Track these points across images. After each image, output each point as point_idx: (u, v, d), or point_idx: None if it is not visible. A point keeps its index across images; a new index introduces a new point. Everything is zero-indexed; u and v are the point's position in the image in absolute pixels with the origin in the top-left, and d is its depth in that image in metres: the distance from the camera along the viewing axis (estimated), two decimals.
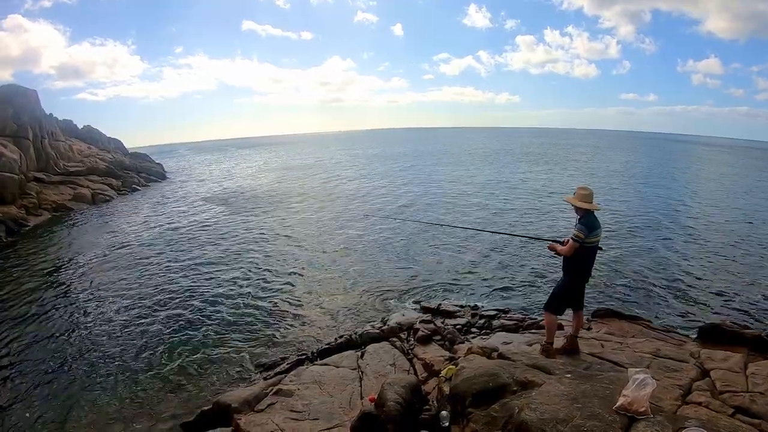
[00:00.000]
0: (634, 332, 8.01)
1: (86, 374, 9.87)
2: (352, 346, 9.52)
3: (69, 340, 11.47)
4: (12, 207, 25.37)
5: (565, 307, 6.50)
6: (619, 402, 4.48)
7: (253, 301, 13.75)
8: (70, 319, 12.74)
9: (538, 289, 14.01)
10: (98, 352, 10.80)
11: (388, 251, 18.80)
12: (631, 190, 35.01)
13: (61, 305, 13.64)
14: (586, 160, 65.51)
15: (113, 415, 8.45)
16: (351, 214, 27.10)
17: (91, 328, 12.16)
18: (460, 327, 10.31)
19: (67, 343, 11.26)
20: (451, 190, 34.30)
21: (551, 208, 27.01)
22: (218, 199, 34.68)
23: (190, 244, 20.69)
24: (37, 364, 10.26)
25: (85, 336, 11.69)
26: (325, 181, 43.55)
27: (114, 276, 16.30)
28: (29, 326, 12.17)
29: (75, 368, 10.13)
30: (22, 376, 9.76)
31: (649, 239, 20.07)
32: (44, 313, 13.01)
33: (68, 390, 9.28)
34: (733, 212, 26.88)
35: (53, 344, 11.22)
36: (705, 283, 14.63)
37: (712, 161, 73.93)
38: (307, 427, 6.45)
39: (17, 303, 13.68)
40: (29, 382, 9.52)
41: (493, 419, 4.87)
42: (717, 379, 5.65)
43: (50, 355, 10.67)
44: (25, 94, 35.05)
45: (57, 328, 12.11)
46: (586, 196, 6.00)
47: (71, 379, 9.66)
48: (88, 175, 35.93)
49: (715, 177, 47.33)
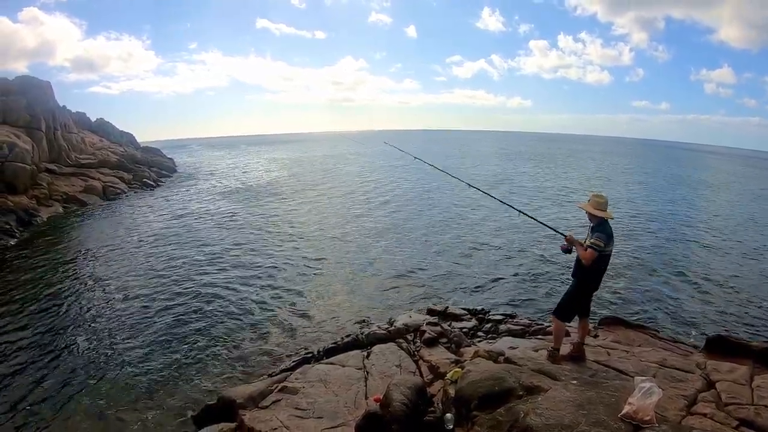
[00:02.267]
0: (640, 341, 8.00)
1: (94, 365, 9.99)
2: (358, 346, 9.50)
3: (78, 331, 11.60)
4: (23, 197, 25.58)
5: (573, 314, 6.48)
6: (624, 410, 4.50)
7: (260, 298, 13.83)
8: (81, 311, 12.89)
9: (545, 295, 13.99)
10: (107, 345, 10.93)
11: (396, 253, 18.83)
12: (639, 199, 34.78)
13: (72, 299, 13.78)
14: (596, 167, 65.21)
15: (117, 406, 8.53)
16: (364, 214, 27.19)
17: (101, 320, 12.31)
18: (466, 330, 10.30)
19: (77, 335, 11.40)
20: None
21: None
22: (228, 194, 34.89)
23: (199, 240, 20.82)
24: (47, 354, 10.39)
25: (94, 328, 11.84)
26: (337, 180, 43.60)
27: (124, 271, 16.44)
28: (42, 318, 12.32)
29: (83, 359, 10.26)
30: (31, 365, 9.90)
31: (657, 247, 19.99)
32: (55, 306, 13.13)
33: (77, 380, 9.41)
34: (743, 223, 26.67)
35: (63, 336, 11.34)
36: (712, 293, 14.56)
37: (723, 171, 73.31)
38: (311, 426, 6.46)
39: (31, 296, 13.84)
40: (38, 372, 9.65)
41: (498, 423, 4.90)
42: (722, 390, 5.64)
43: (60, 346, 10.80)
44: (39, 85, 35.35)
45: (68, 320, 12.27)
46: (601, 204, 5.95)
47: (80, 370, 9.78)
48: (100, 167, 36.13)
49: (727, 186, 47.00)
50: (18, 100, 31.97)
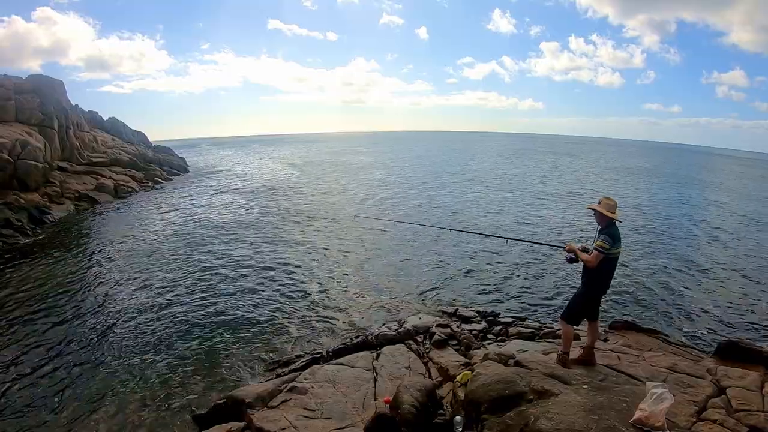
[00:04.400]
0: (651, 345, 7.96)
1: (103, 364, 10.06)
2: (367, 347, 9.53)
3: (87, 330, 11.68)
4: (35, 194, 25.89)
5: (582, 318, 6.48)
6: (636, 415, 4.50)
7: (269, 298, 13.87)
8: (90, 310, 12.97)
9: (555, 298, 13.93)
10: (116, 343, 11.01)
11: (407, 254, 18.83)
12: (651, 200, 34.55)
13: (82, 298, 13.91)
14: (606, 166, 64.86)
15: (124, 404, 8.59)
16: (376, 215, 27.20)
17: (112, 318, 12.40)
18: (476, 332, 10.30)
19: (87, 334, 11.48)
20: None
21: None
22: (239, 193, 35.06)
23: (209, 239, 20.93)
24: (54, 352, 10.50)
25: (105, 326, 11.92)
26: (346, 180, 43.67)
27: (134, 270, 16.56)
28: (51, 315, 12.46)
29: (91, 357, 10.33)
30: (37, 362, 9.99)
31: (669, 251, 19.79)
32: (65, 304, 13.25)
33: (84, 377, 9.49)
34: (757, 227, 26.40)
35: (71, 334, 11.43)
36: (724, 298, 14.39)
37: (736, 174, 72.46)
38: (319, 426, 6.49)
39: (41, 293, 14.01)
40: (45, 369, 9.75)
41: (508, 427, 4.91)
42: (733, 397, 5.62)
43: (68, 344, 10.90)
44: (51, 84, 35.67)
45: (78, 319, 12.37)
46: (612, 206, 6.00)
47: (87, 368, 9.86)
48: (112, 166, 36.47)
49: (740, 190, 46.45)
50: (31, 98, 32.31)
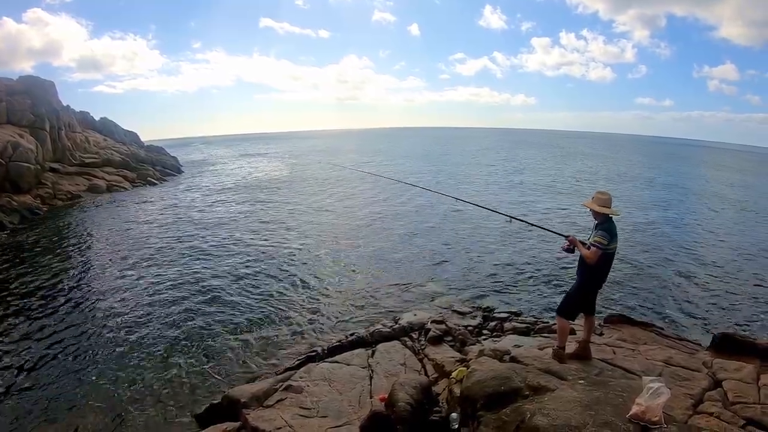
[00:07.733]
0: (646, 339, 7.95)
1: (97, 363, 10.00)
2: (362, 345, 9.47)
3: (82, 331, 11.57)
4: (27, 196, 25.78)
5: (578, 312, 6.43)
6: (632, 410, 4.47)
7: (263, 296, 13.82)
8: (84, 310, 12.89)
9: (551, 293, 13.94)
10: (108, 342, 10.94)
11: (401, 251, 18.80)
12: (646, 196, 34.67)
13: (75, 297, 13.82)
14: (602, 164, 65.03)
15: (120, 404, 8.55)
16: (369, 211, 27.18)
17: (103, 319, 12.29)
18: (471, 328, 10.29)
19: (80, 334, 11.37)
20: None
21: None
22: (233, 191, 35.00)
23: (202, 237, 20.84)
24: (48, 349, 10.45)
25: (95, 325, 11.84)
26: (342, 177, 43.45)
27: (125, 266, 16.51)
28: (43, 312, 12.40)
29: (86, 357, 10.27)
30: (32, 360, 9.94)
31: (663, 244, 19.88)
32: (57, 301, 13.22)
33: (79, 377, 9.43)
34: (751, 219, 26.53)
35: (66, 334, 11.34)
36: (719, 290, 14.45)
37: (730, 168, 72.91)
38: (315, 425, 6.45)
39: (29, 291, 13.95)
40: (40, 367, 9.69)
41: (505, 423, 4.87)
42: (729, 389, 5.61)
43: (62, 343, 10.82)
44: (42, 85, 35.51)
45: (70, 317, 12.31)
46: (605, 201, 5.91)
47: (82, 368, 9.79)
48: (104, 166, 36.36)
49: (734, 183, 46.69)
50: (22, 100, 32.13)
